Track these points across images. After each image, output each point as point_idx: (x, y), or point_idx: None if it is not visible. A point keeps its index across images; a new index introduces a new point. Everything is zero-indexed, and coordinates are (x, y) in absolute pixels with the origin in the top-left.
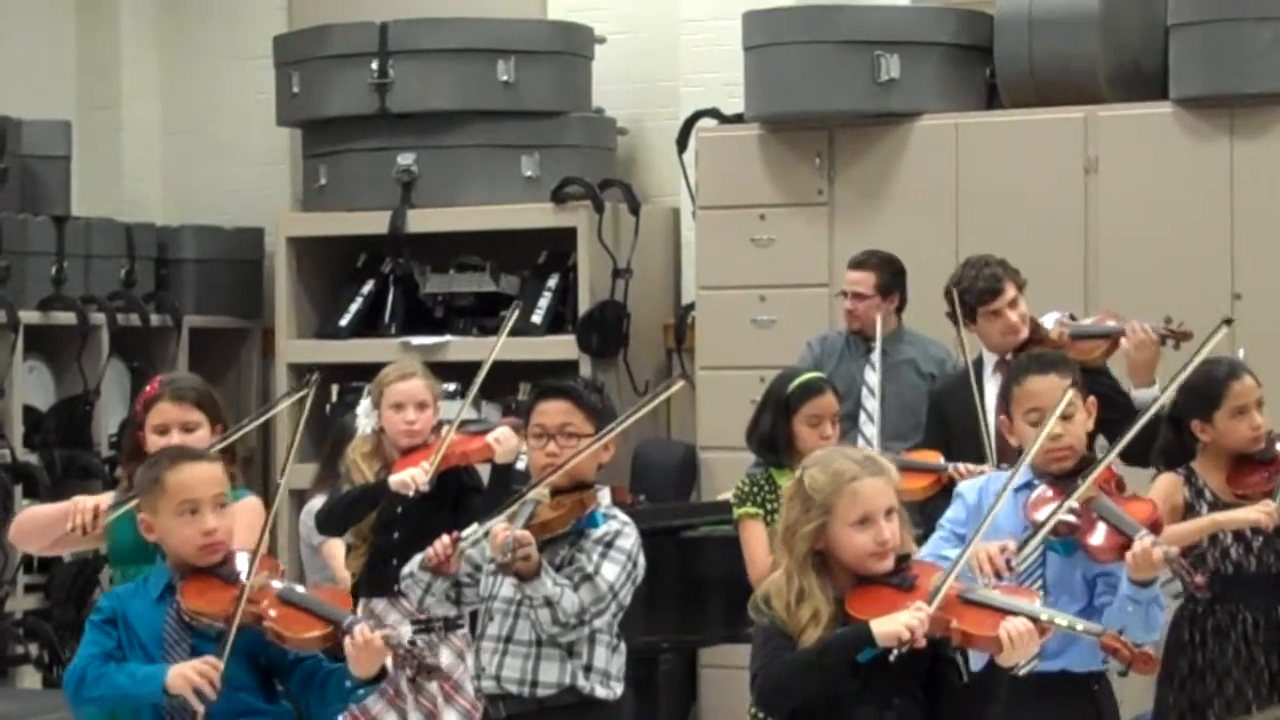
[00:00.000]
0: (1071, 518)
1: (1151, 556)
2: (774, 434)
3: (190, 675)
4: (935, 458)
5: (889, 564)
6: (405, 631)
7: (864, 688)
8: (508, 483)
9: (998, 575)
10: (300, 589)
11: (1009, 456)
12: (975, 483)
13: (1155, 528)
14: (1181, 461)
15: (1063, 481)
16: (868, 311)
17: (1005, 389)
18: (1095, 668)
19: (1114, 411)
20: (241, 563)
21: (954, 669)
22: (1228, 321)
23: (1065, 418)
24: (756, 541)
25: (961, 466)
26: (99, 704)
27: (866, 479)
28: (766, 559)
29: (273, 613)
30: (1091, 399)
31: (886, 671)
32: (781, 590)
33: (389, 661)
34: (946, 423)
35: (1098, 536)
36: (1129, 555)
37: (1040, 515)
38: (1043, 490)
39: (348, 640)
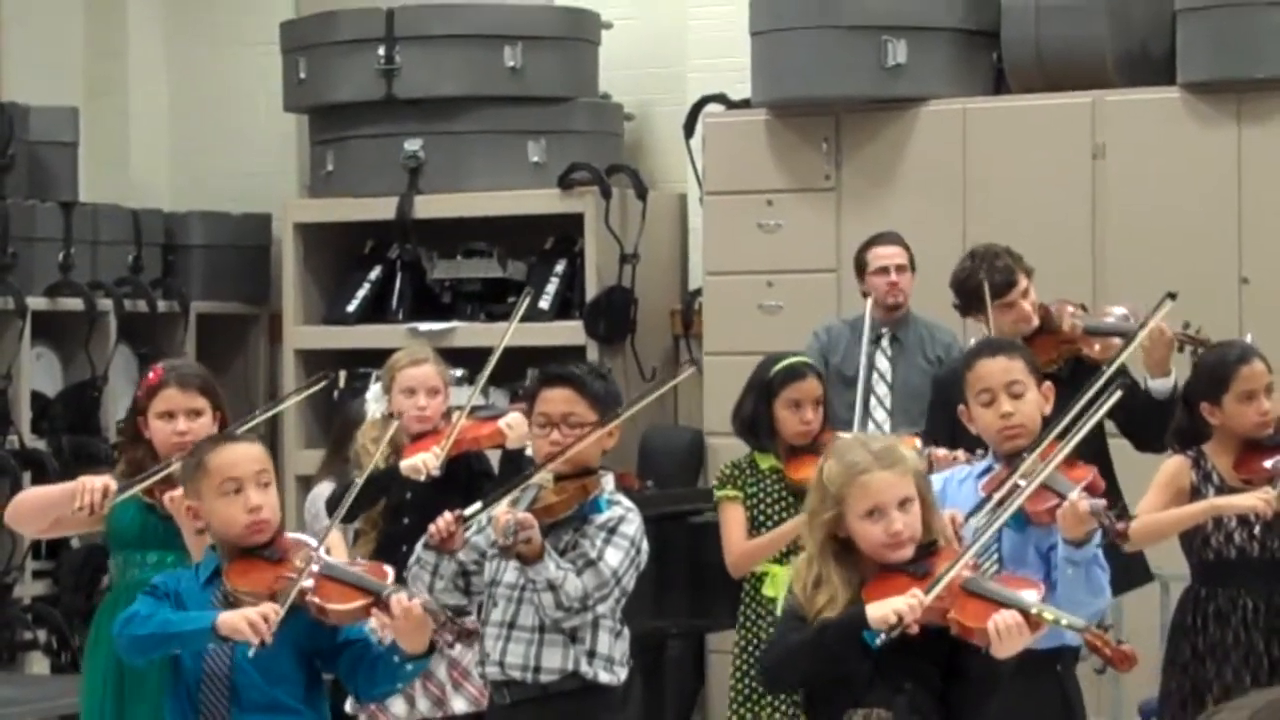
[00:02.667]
0: (1022, 494)
1: (1078, 509)
2: (755, 417)
3: (251, 615)
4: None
5: (906, 553)
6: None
7: (876, 671)
8: (519, 468)
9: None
10: (338, 562)
11: None
12: (942, 474)
13: (1092, 489)
14: (1194, 443)
15: (1015, 460)
16: (910, 284)
17: (959, 378)
18: (1055, 645)
19: (1135, 399)
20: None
21: (975, 657)
22: (1171, 295)
23: (1016, 396)
24: (733, 524)
25: (939, 451)
26: (145, 644)
27: (877, 472)
28: (741, 541)
29: (314, 586)
30: (1048, 384)
31: (901, 656)
32: (801, 574)
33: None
34: (950, 407)
35: (1035, 499)
36: (1058, 513)
37: (989, 493)
38: (997, 471)
39: (386, 611)
